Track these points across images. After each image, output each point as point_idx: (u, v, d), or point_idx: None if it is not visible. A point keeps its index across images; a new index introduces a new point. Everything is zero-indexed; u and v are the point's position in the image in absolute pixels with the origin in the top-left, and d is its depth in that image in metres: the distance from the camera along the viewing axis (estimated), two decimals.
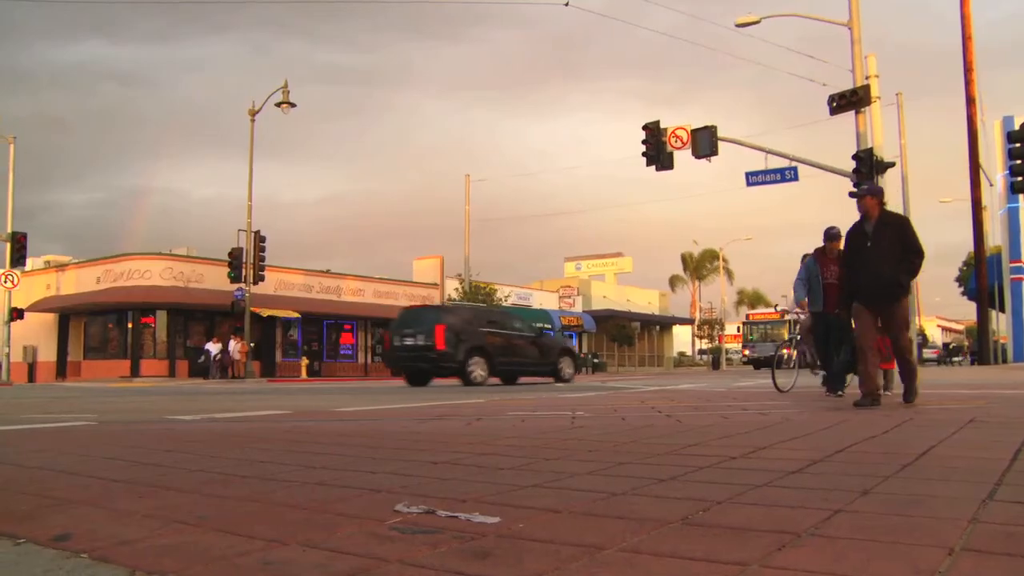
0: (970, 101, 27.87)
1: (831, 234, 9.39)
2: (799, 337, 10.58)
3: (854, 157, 25.37)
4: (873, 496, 2.59)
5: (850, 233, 7.68)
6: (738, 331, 58.54)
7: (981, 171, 28.93)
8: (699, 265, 77.96)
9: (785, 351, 10.98)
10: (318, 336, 43.31)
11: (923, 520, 2.24)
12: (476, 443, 4.39)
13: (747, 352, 49.64)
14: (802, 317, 10.34)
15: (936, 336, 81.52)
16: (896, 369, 8.41)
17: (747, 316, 53.65)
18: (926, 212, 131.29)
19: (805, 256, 9.84)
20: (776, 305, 39.96)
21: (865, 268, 7.34)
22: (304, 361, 39.52)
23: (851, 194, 8.15)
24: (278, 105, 32.05)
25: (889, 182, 26.60)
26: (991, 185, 32.71)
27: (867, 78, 25.91)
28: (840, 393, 9.09)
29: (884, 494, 2.64)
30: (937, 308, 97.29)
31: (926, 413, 6.12)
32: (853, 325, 8.08)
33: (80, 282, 38.74)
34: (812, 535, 2.04)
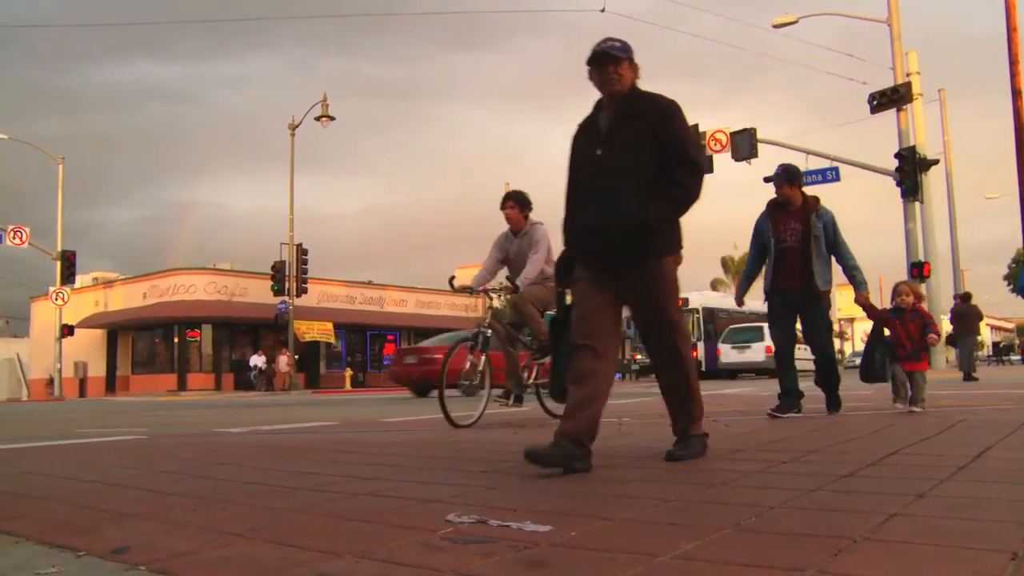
0: (1016, 94, 27.37)
1: (776, 175, 6.64)
2: (487, 329, 6.98)
3: (897, 155, 25.03)
4: (929, 499, 2.55)
5: (574, 137, 4.04)
6: None
7: None
8: (740, 268, 77.36)
9: (473, 357, 6.93)
10: (361, 347, 43.60)
11: (983, 524, 2.20)
12: (523, 450, 4.38)
13: (639, 356, 35.48)
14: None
15: (986, 335, 79.94)
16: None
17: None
18: (972, 208, 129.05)
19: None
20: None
21: (582, 200, 3.87)
22: (348, 372, 39.82)
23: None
24: (317, 119, 32.38)
25: (933, 179, 26.21)
26: None
27: (908, 75, 25.58)
28: (792, 414, 6.48)
29: (940, 497, 2.59)
30: (986, 307, 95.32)
31: (980, 414, 6.00)
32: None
33: (127, 298, 39.42)
34: (868, 540, 2.01)
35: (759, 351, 30.12)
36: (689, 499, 2.74)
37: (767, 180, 6.69)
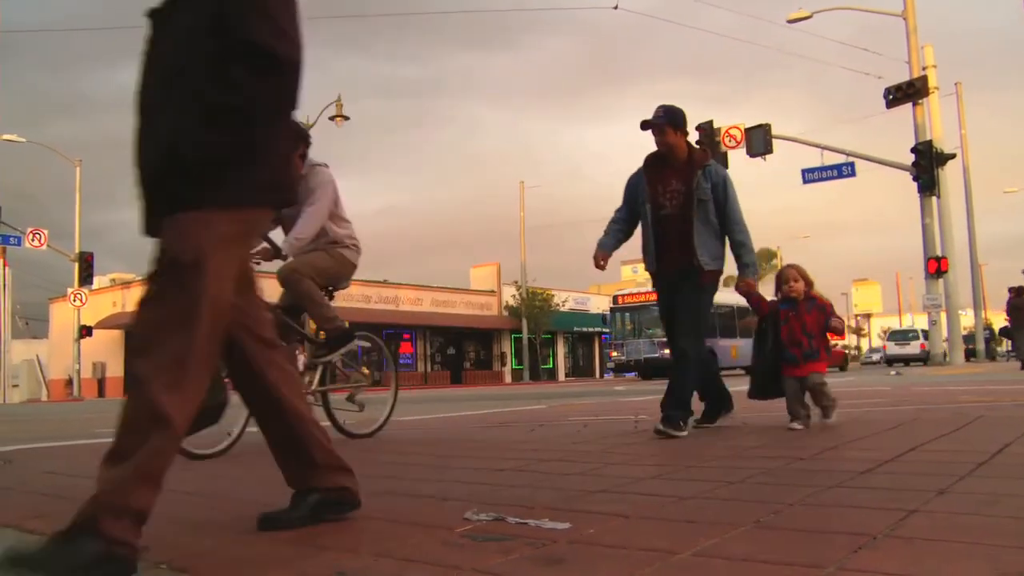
0: None
1: (656, 117, 5.16)
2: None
3: (913, 150, 24.92)
4: (949, 496, 2.54)
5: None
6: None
7: None
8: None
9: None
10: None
11: (1004, 520, 2.19)
12: (540, 449, 4.39)
13: (615, 354, 30.53)
14: None
15: None
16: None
17: (615, 299, 31.66)
18: (990, 203, 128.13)
19: None
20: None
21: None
22: (364, 371, 39.90)
23: None
24: (332, 119, 32.45)
25: (950, 173, 26.07)
26: None
27: (924, 69, 25.46)
28: (691, 426, 5.19)
29: (960, 493, 2.58)
30: (1004, 302, 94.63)
31: (1000, 410, 5.96)
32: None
33: None
34: (888, 536, 2.01)
35: (916, 346, 40.39)
36: (707, 496, 2.73)
37: (644, 126, 5.15)
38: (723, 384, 5.55)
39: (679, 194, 5.13)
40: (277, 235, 5.28)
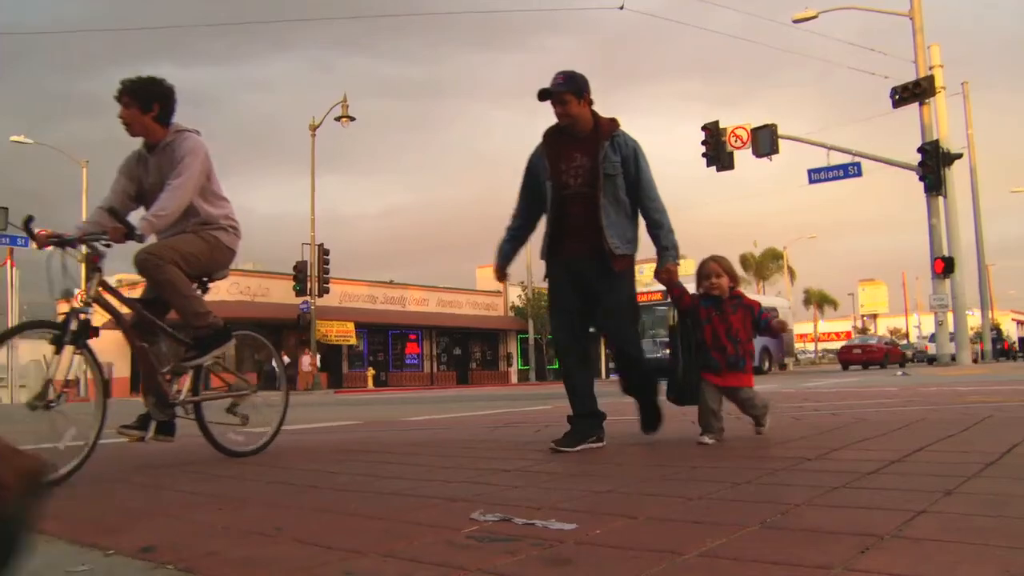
0: None
1: (555, 84, 4.50)
2: (87, 308, 4.46)
3: (920, 150, 24.86)
4: (957, 496, 2.53)
5: None
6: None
7: None
8: (761, 265, 77.09)
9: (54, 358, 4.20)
10: (383, 346, 43.74)
11: (1012, 521, 2.18)
12: (546, 450, 4.39)
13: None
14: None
15: (1011, 330, 79.21)
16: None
17: None
18: (997, 202, 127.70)
19: None
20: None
21: None
22: (370, 372, 39.98)
23: None
24: (338, 119, 32.51)
25: (957, 173, 26.00)
26: None
27: (931, 68, 25.40)
28: (590, 443, 4.44)
29: (968, 494, 2.57)
30: (1011, 302, 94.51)
31: (1007, 410, 5.94)
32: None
33: None
34: (896, 537, 2.00)
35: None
36: (713, 497, 2.73)
37: (542, 95, 4.51)
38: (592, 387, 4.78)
39: (584, 170, 4.51)
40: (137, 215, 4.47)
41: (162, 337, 4.56)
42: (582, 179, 4.48)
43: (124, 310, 4.49)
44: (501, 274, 4.97)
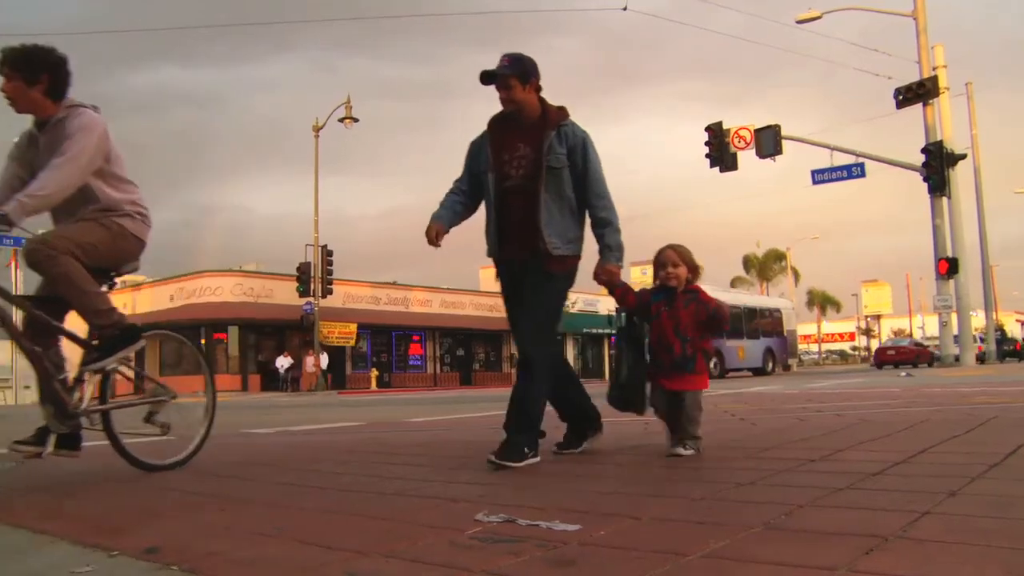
0: None
1: (500, 67, 4.14)
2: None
3: (923, 150, 24.85)
4: (961, 497, 2.52)
5: None
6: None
7: None
8: (764, 266, 77.01)
9: None
10: (387, 347, 43.74)
11: (1017, 522, 2.18)
12: (550, 451, 4.38)
13: None
14: None
15: (1015, 331, 79.07)
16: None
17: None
18: (1001, 203, 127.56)
19: None
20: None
21: None
22: (374, 373, 39.97)
23: None
24: (341, 120, 32.54)
25: (961, 174, 25.98)
26: None
27: (934, 69, 25.40)
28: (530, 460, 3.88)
29: (973, 495, 2.57)
30: (1015, 303, 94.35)
31: (1013, 411, 5.93)
32: None
33: (155, 300, 39.76)
34: (900, 538, 2.00)
35: None
36: (717, 498, 2.73)
37: (485, 79, 4.15)
38: (586, 399, 4.47)
39: (527, 160, 4.14)
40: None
41: (56, 337, 4.05)
42: (524, 171, 4.13)
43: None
44: (435, 239, 4.34)
